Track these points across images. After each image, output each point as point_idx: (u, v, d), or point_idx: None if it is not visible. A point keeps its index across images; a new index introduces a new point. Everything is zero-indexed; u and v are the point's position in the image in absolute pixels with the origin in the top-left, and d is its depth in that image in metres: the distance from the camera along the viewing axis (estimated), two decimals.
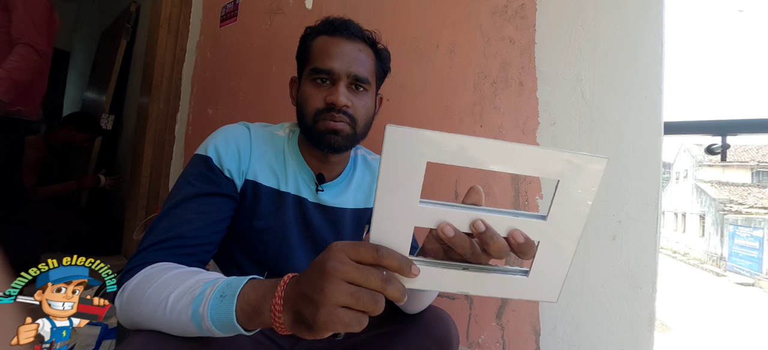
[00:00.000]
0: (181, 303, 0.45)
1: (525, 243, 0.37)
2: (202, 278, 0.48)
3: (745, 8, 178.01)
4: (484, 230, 0.37)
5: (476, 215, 0.37)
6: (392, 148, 0.35)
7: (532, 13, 0.94)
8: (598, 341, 0.80)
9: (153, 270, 0.52)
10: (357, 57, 0.70)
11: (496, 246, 0.37)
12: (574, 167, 0.35)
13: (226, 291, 0.44)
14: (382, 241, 0.37)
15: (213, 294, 0.44)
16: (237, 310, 0.42)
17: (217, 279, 0.47)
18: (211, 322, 0.43)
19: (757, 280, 12.62)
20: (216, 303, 0.43)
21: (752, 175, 18.63)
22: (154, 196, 2.05)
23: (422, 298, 0.67)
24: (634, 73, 0.80)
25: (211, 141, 0.67)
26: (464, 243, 0.37)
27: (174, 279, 0.49)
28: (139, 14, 2.78)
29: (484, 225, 0.37)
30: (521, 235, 0.37)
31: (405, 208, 0.36)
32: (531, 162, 0.36)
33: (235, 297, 0.43)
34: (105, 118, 2.74)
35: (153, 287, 0.49)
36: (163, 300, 0.47)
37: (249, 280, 0.45)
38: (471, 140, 0.35)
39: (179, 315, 0.45)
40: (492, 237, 0.37)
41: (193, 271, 0.52)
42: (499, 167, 0.35)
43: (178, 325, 0.46)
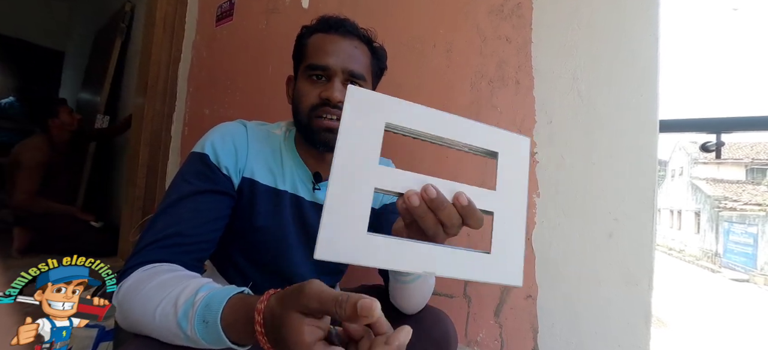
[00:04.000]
0: (168, 321, 0.45)
1: (468, 206, 0.39)
2: (181, 294, 0.46)
3: (739, 7, 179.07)
4: (434, 196, 0.38)
5: (429, 180, 0.39)
6: (353, 108, 0.37)
7: (529, 12, 0.94)
8: (596, 338, 0.81)
9: (144, 274, 0.51)
10: (352, 53, 0.70)
11: (446, 213, 0.39)
12: (506, 144, 0.42)
13: (207, 316, 0.43)
14: (341, 199, 0.36)
15: (195, 319, 0.43)
16: (225, 334, 0.42)
17: (194, 298, 0.44)
18: (205, 343, 0.43)
19: (752, 276, 12.71)
20: (200, 327, 0.43)
21: (746, 172, 18.76)
22: (150, 197, 2.04)
23: (417, 296, 0.67)
24: (630, 71, 0.80)
25: (207, 138, 0.67)
26: (426, 216, 0.39)
27: (157, 291, 0.48)
28: (134, 14, 2.76)
29: (435, 191, 0.38)
30: (465, 198, 0.39)
31: (364, 168, 0.37)
32: (474, 135, 0.40)
33: (218, 324, 0.41)
34: (100, 119, 2.72)
35: (140, 295, 0.48)
36: (149, 313, 0.46)
37: (227, 303, 0.42)
38: (425, 110, 0.39)
39: (168, 331, 0.45)
40: (442, 202, 0.38)
41: (174, 280, 0.50)
42: (445, 135, 0.40)
43: (170, 339, 0.46)
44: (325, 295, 0.34)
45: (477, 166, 0.99)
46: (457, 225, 0.40)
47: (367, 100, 0.38)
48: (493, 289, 0.94)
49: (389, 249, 0.37)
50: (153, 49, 2.03)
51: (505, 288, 0.92)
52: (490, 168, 0.93)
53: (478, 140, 0.41)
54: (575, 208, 0.85)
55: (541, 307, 0.87)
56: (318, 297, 0.34)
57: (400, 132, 0.39)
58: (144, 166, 2.04)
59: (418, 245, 0.38)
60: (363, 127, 0.37)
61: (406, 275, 0.63)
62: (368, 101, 0.38)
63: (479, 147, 0.41)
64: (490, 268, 0.39)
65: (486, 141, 0.41)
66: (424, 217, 0.39)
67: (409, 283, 0.64)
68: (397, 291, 0.67)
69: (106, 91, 2.76)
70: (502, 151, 0.41)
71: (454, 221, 0.39)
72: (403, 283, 0.64)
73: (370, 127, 0.37)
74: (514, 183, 0.41)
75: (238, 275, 0.73)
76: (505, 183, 0.41)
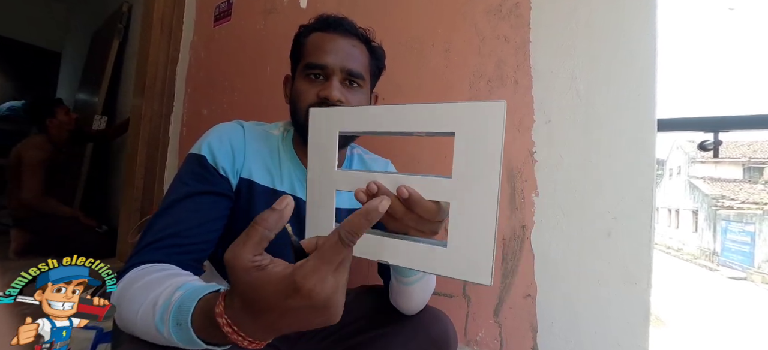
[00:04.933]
0: (148, 324, 0.44)
1: (410, 198, 0.38)
2: (159, 295, 0.45)
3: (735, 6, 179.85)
4: (375, 191, 0.39)
5: (371, 177, 0.40)
6: (314, 127, 0.44)
7: (527, 11, 0.94)
8: (595, 336, 0.81)
9: (134, 275, 0.51)
10: (351, 52, 0.70)
11: (391, 207, 0.38)
12: (469, 117, 0.35)
13: (179, 318, 0.40)
14: (315, 202, 0.44)
15: (170, 321, 0.41)
16: (200, 338, 0.39)
17: (169, 301, 0.43)
18: (182, 344, 0.41)
19: (749, 274, 12.77)
20: (175, 330, 0.41)
21: (744, 170, 18.85)
22: (148, 198, 2.03)
23: (417, 297, 0.67)
24: (628, 71, 0.81)
25: (204, 139, 0.67)
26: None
27: (140, 293, 0.47)
28: (131, 14, 2.76)
29: (376, 187, 0.39)
30: (405, 191, 0.38)
31: (326, 174, 0.43)
32: (424, 119, 0.38)
33: (189, 328, 0.39)
34: (98, 120, 2.71)
35: (127, 297, 0.48)
36: (133, 313, 0.45)
37: (196, 305, 0.40)
38: (368, 109, 0.42)
39: (151, 334, 0.44)
40: (384, 197, 0.38)
41: (155, 281, 0.48)
42: (397, 128, 0.39)
43: (155, 340, 0.44)
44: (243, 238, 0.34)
45: None
46: (412, 218, 0.39)
47: (325, 117, 0.43)
48: (492, 289, 0.94)
49: None
50: (150, 50, 2.02)
51: (504, 288, 0.92)
52: None
53: (432, 123, 0.37)
54: (574, 207, 0.85)
55: (541, 306, 0.87)
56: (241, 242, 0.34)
57: (354, 134, 0.43)
58: (142, 166, 2.03)
59: (377, 236, 0.40)
60: (323, 141, 0.43)
61: (407, 276, 0.62)
62: (325, 117, 0.43)
63: (432, 130, 0.37)
64: (447, 262, 0.36)
65: (441, 121, 0.36)
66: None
67: (410, 286, 0.64)
68: (397, 292, 0.67)
69: (104, 92, 2.75)
70: (461, 129, 0.35)
71: (398, 213, 0.39)
72: (403, 285, 0.64)
73: (327, 139, 0.43)
74: (480, 165, 0.35)
75: None
76: (466, 166, 0.35)
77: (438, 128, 0.37)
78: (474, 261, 0.35)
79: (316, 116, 0.43)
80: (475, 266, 0.35)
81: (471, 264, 0.35)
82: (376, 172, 0.41)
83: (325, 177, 0.43)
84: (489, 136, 0.34)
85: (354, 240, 0.33)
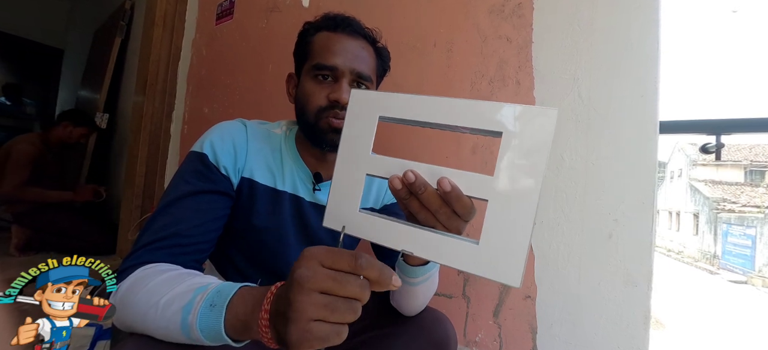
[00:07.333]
0: (171, 310, 0.44)
1: (452, 192, 0.37)
2: (193, 283, 0.46)
3: (738, 9, 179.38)
4: (413, 180, 0.38)
5: (407, 165, 0.39)
6: (353, 109, 0.42)
7: (529, 12, 0.94)
8: (594, 338, 0.81)
9: (146, 272, 0.51)
10: (359, 54, 0.69)
11: (426, 196, 0.38)
12: (520, 120, 0.35)
13: (216, 300, 0.42)
14: (342, 183, 0.43)
15: (203, 302, 0.42)
16: (226, 322, 0.41)
17: (208, 285, 0.44)
18: (200, 332, 0.42)
19: (750, 278, 12.75)
20: (205, 312, 0.41)
21: (745, 173, 18.81)
22: (149, 196, 2.03)
23: (420, 298, 0.67)
24: (630, 73, 0.80)
25: (206, 138, 0.66)
26: (409, 200, 0.39)
27: (165, 284, 0.47)
28: (133, 12, 2.76)
29: (414, 175, 0.37)
30: (448, 183, 0.37)
31: (361, 157, 0.42)
32: (471, 115, 0.37)
33: (224, 307, 0.41)
34: (99, 117, 2.72)
35: (144, 290, 0.47)
36: (153, 306, 0.45)
37: (239, 289, 0.42)
38: (414, 97, 0.40)
39: (169, 321, 0.44)
40: (421, 186, 0.38)
41: (185, 275, 0.50)
42: (441, 121, 0.38)
43: (168, 331, 0.44)
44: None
45: None
46: (445, 212, 0.39)
47: (365, 99, 0.42)
48: (492, 289, 0.94)
49: (374, 225, 0.41)
50: (152, 48, 2.02)
51: (504, 289, 0.92)
52: None
53: (479, 120, 0.37)
54: (575, 209, 0.85)
55: (540, 308, 0.87)
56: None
57: (394, 121, 0.41)
58: (143, 164, 2.04)
59: (403, 226, 0.39)
60: (361, 123, 0.42)
61: (414, 277, 0.61)
62: (366, 100, 0.42)
63: (478, 127, 0.37)
64: (477, 260, 0.36)
65: (489, 119, 0.36)
66: (408, 201, 0.39)
67: (415, 286, 0.62)
68: (401, 292, 0.66)
69: (106, 89, 2.75)
70: (509, 130, 0.35)
71: (433, 205, 0.38)
72: (409, 285, 0.63)
73: (366, 122, 0.42)
74: (524, 168, 0.35)
75: (237, 275, 0.73)
76: (509, 167, 0.35)
77: (485, 126, 0.37)
78: (505, 262, 0.35)
79: (356, 97, 0.42)
80: (506, 267, 0.35)
81: (502, 265, 0.35)
82: (412, 162, 0.40)
83: (359, 160, 0.42)
84: (538, 140, 0.35)
85: (363, 268, 0.34)
